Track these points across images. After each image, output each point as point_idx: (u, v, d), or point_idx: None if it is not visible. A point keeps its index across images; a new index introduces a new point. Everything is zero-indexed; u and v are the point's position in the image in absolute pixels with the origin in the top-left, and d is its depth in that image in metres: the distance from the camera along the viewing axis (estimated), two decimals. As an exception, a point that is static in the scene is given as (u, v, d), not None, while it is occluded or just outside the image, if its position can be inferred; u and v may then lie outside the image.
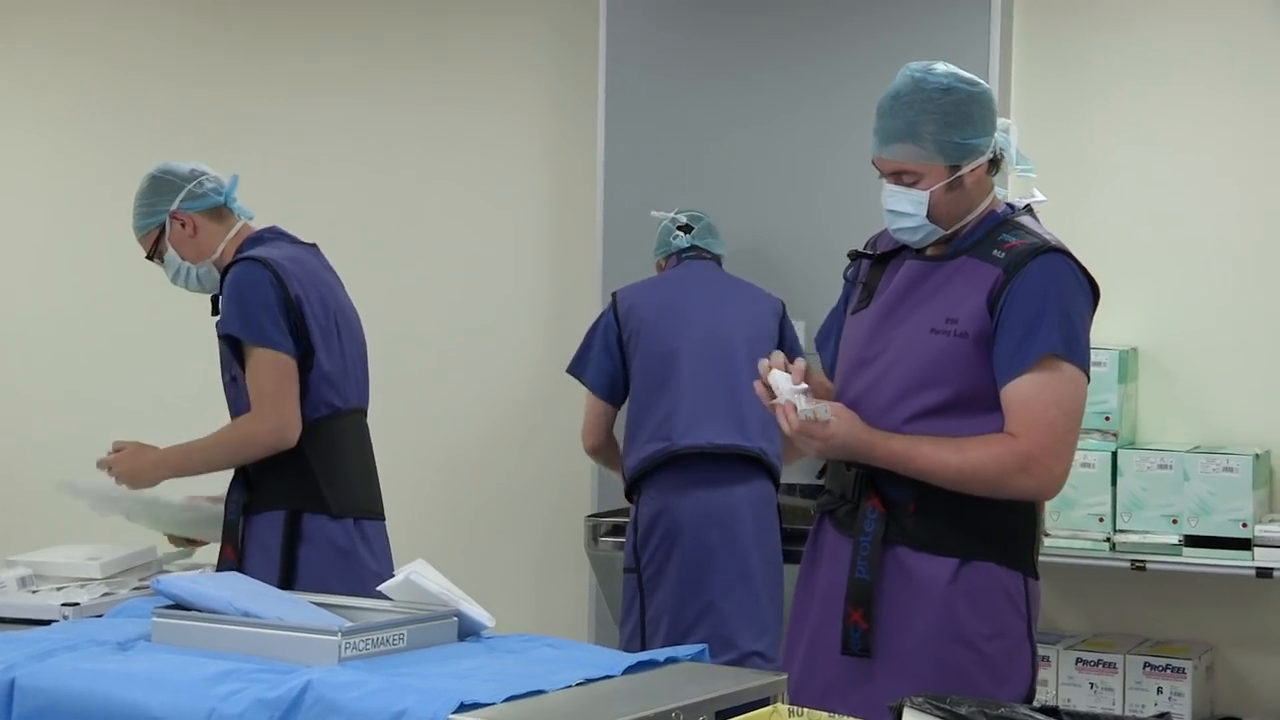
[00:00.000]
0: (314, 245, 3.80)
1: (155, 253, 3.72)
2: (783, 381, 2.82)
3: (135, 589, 3.46)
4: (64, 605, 3.32)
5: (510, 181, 5.41)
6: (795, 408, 2.79)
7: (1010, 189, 3.04)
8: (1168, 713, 2.31)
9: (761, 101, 4.91)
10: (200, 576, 3.15)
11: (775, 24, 4.91)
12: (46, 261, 6.05)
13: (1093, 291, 2.90)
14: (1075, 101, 4.67)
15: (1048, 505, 4.34)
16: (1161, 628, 4.51)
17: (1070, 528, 4.34)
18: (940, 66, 2.90)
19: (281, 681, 2.36)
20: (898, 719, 2.25)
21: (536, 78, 5.38)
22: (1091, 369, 4.38)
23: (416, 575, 2.79)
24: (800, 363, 2.87)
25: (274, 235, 3.75)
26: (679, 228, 4.64)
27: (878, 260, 3.01)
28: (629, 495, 4.49)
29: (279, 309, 3.57)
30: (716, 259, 4.66)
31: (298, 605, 2.80)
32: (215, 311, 3.71)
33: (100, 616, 3.12)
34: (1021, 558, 2.90)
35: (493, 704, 2.28)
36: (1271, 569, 4.15)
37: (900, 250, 2.98)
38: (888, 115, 2.88)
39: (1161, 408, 4.55)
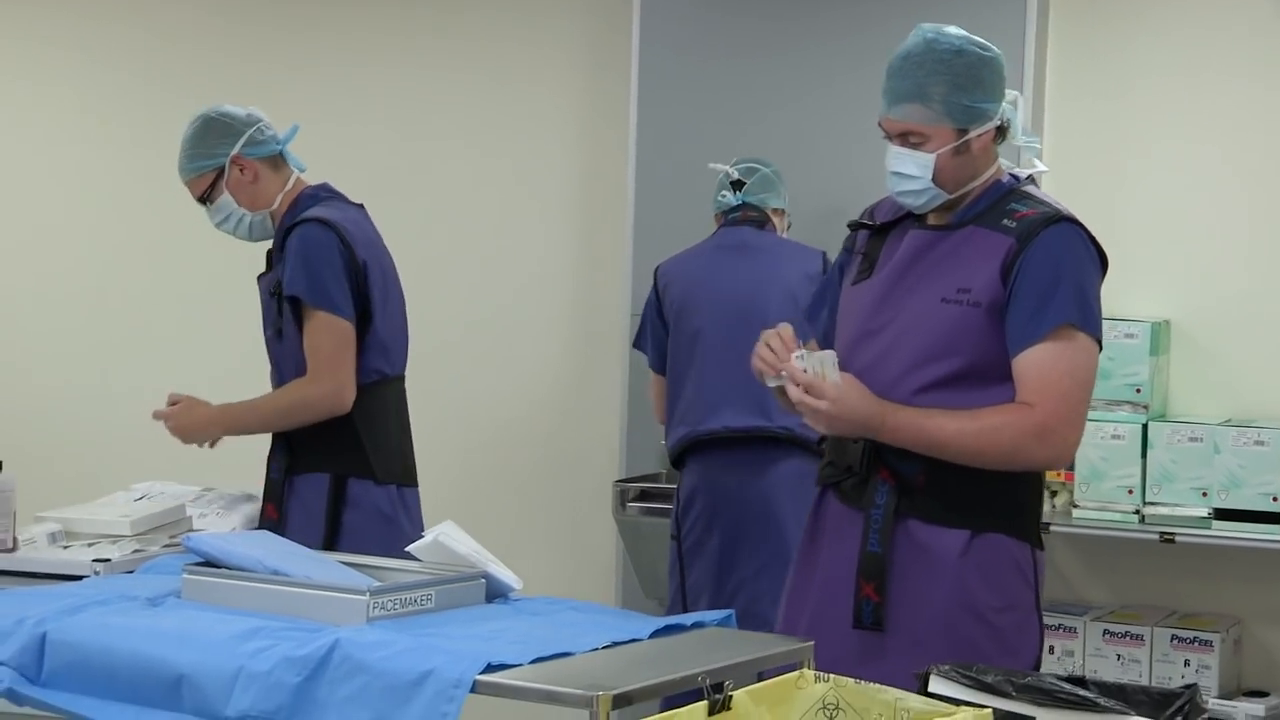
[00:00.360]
0: (362, 206, 3.80)
1: (208, 197, 3.68)
2: (794, 359, 2.79)
3: (166, 546, 3.48)
4: (95, 561, 3.34)
5: (541, 154, 5.40)
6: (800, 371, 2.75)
7: (1036, 165, 3.01)
8: (1195, 684, 2.30)
9: (796, 78, 4.88)
10: (231, 535, 3.18)
11: (805, 3, 4.88)
12: (75, 224, 6.07)
13: (1102, 262, 2.89)
14: (1111, 80, 4.63)
15: (1076, 477, 4.34)
16: (1189, 600, 4.50)
17: (1099, 500, 4.32)
18: (952, 29, 2.87)
19: (309, 640, 2.38)
20: (923, 687, 2.26)
21: (569, 51, 5.36)
22: (1123, 341, 4.42)
23: (445, 536, 2.81)
24: (786, 328, 2.83)
25: (329, 194, 3.73)
26: (731, 183, 4.50)
27: (877, 231, 2.96)
28: (675, 464, 4.47)
29: (344, 273, 3.57)
30: (771, 215, 4.54)
31: (326, 565, 2.81)
32: (269, 264, 3.71)
33: (131, 573, 3.14)
34: (1029, 529, 2.88)
35: (519, 665, 2.29)
36: (1301, 543, 4.14)
37: (900, 221, 2.94)
38: (897, 75, 2.85)
39: (1193, 381, 4.52)
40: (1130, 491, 4.30)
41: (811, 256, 4.42)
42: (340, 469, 3.62)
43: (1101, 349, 2.85)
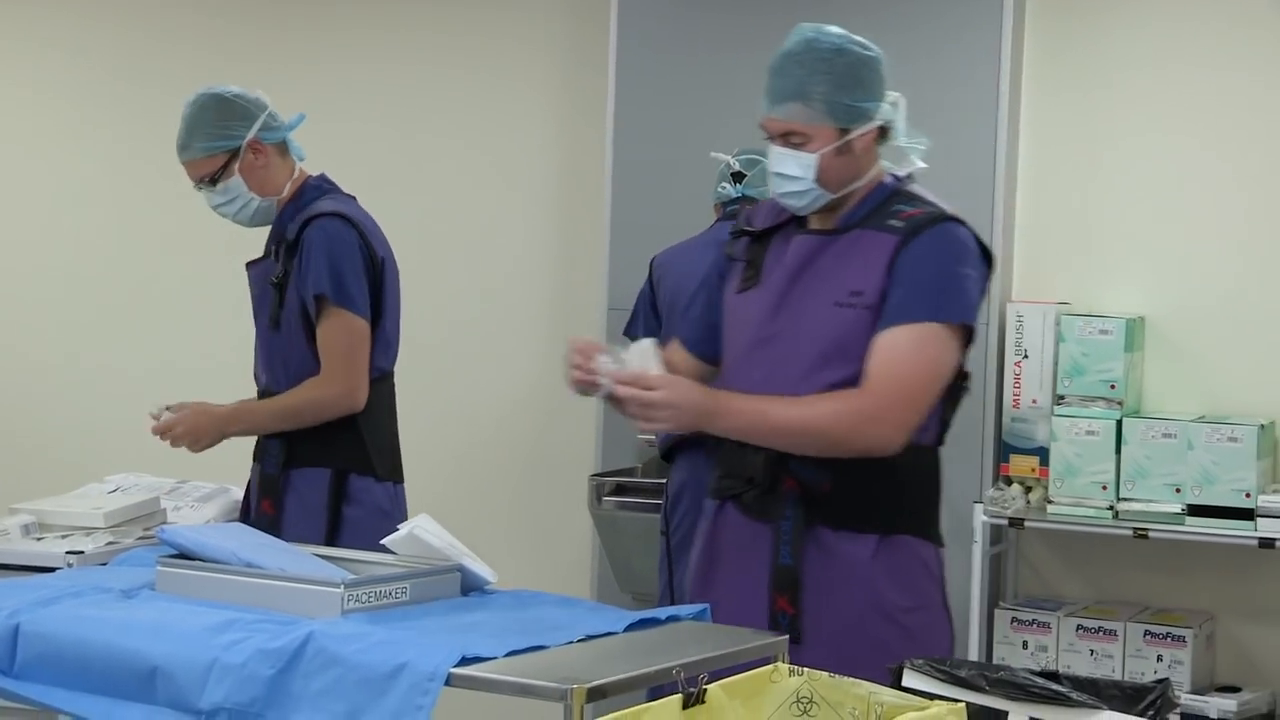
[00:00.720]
0: (354, 199, 3.76)
1: (216, 178, 3.58)
2: (603, 362, 2.73)
3: (140, 538, 3.47)
4: (68, 553, 3.33)
5: (519, 151, 5.39)
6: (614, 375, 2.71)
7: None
8: (1167, 679, 2.31)
9: (764, 73, 4.87)
10: (205, 527, 3.17)
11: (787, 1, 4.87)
12: (50, 219, 6.04)
13: (988, 260, 2.87)
14: (1087, 75, 4.64)
15: (1051, 473, 4.36)
16: (1163, 596, 4.51)
17: (1073, 495, 4.34)
18: (833, 28, 2.86)
19: (284, 632, 2.37)
20: (897, 681, 2.27)
21: (547, 48, 5.35)
22: (1098, 337, 4.44)
23: (420, 530, 2.80)
24: (581, 337, 2.86)
25: (330, 186, 3.70)
26: (731, 174, 4.43)
27: (758, 237, 2.93)
28: (665, 459, 4.46)
29: (364, 271, 3.55)
30: None
31: (301, 557, 2.81)
32: (267, 252, 3.64)
33: (105, 565, 3.13)
34: (933, 528, 2.89)
35: (494, 658, 2.29)
36: (1274, 539, 4.15)
37: (783, 226, 2.91)
38: (778, 74, 2.83)
39: (1167, 377, 4.54)
40: (1104, 487, 4.32)
41: None
42: (341, 464, 3.59)
43: (972, 342, 2.84)
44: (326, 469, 3.59)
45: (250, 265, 3.71)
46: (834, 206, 2.86)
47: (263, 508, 3.58)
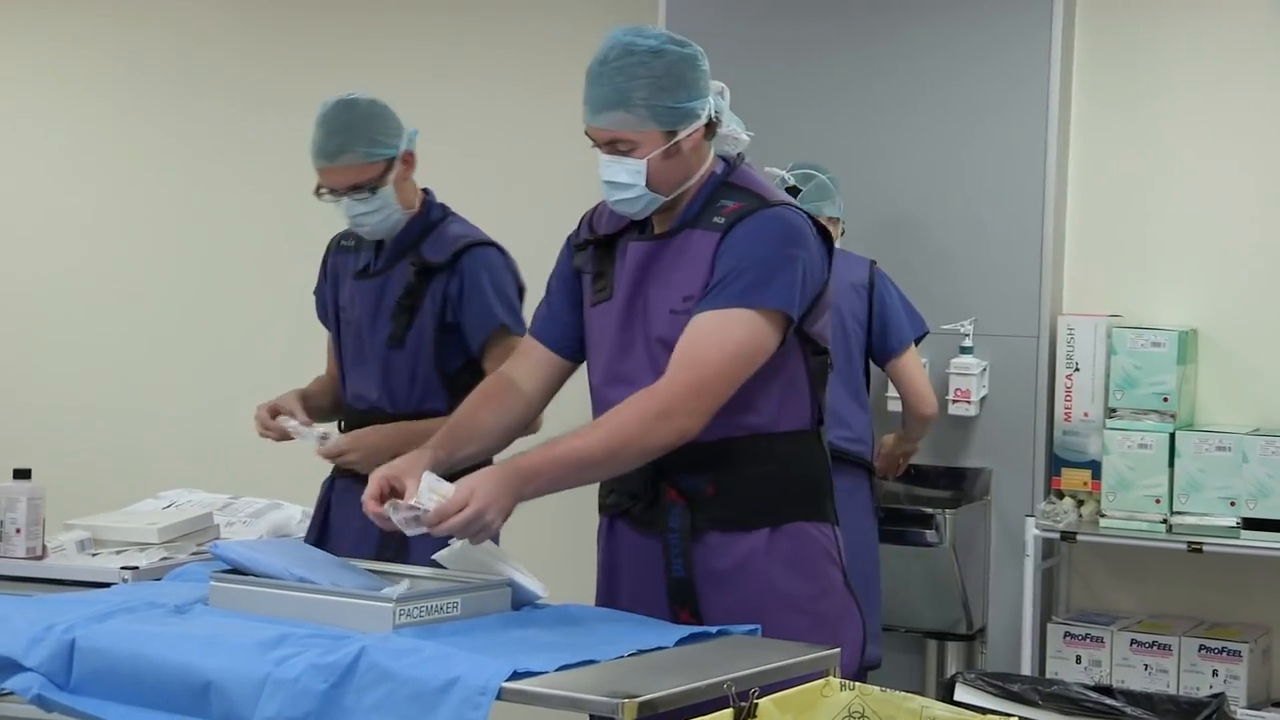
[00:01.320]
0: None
1: (373, 186, 3.47)
2: (422, 487, 2.64)
3: (193, 554, 3.50)
4: (123, 568, 3.36)
5: (555, 159, 5.40)
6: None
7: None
8: (1222, 693, 2.29)
9: (818, 84, 4.88)
10: (258, 542, 3.18)
11: (833, 9, 4.87)
12: (106, 234, 6.10)
13: (819, 238, 2.80)
14: (1138, 89, 4.62)
15: (1103, 486, 4.33)
16: (1218, 610, 4.48)
17: (1127, 509, 4.31)
18: (649, 29, 2.80)
19: (336, 647, 2.38)
20: (949, 694, 2.26)
21: (590, 56, 5.37)
22: (1150, 350, 4.41)
23: (471, 544, 2.81)
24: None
25: (443, 204, 3.67)
26: (786, 189, 4.39)
27: (603, 244, 2.87)
28: None
29: (519, 299, 3.59)
30: (825, 223, 4.46)
31: (353, 572, 2.82)
32: (401, 270, 3.53)
33: (158, 580, 3.15)
34: (825, 508, 2.82)
35: (545, 673, 2.29)
36: (1330, 553, 4.12)
37: (625, 230, 2.85)
38: (597, 83, 2.76)
39: (1220, 390, 4.51)
40: (1158, 501, 4.29)
41: (859, 265, 4.39)
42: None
43: (792, 324, 2.74)
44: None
45: (358, 275, 3.59)
46: (670, 206, 2.81)
47: None
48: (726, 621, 2.70)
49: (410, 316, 3.51)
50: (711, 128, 2.80)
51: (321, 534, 3.55)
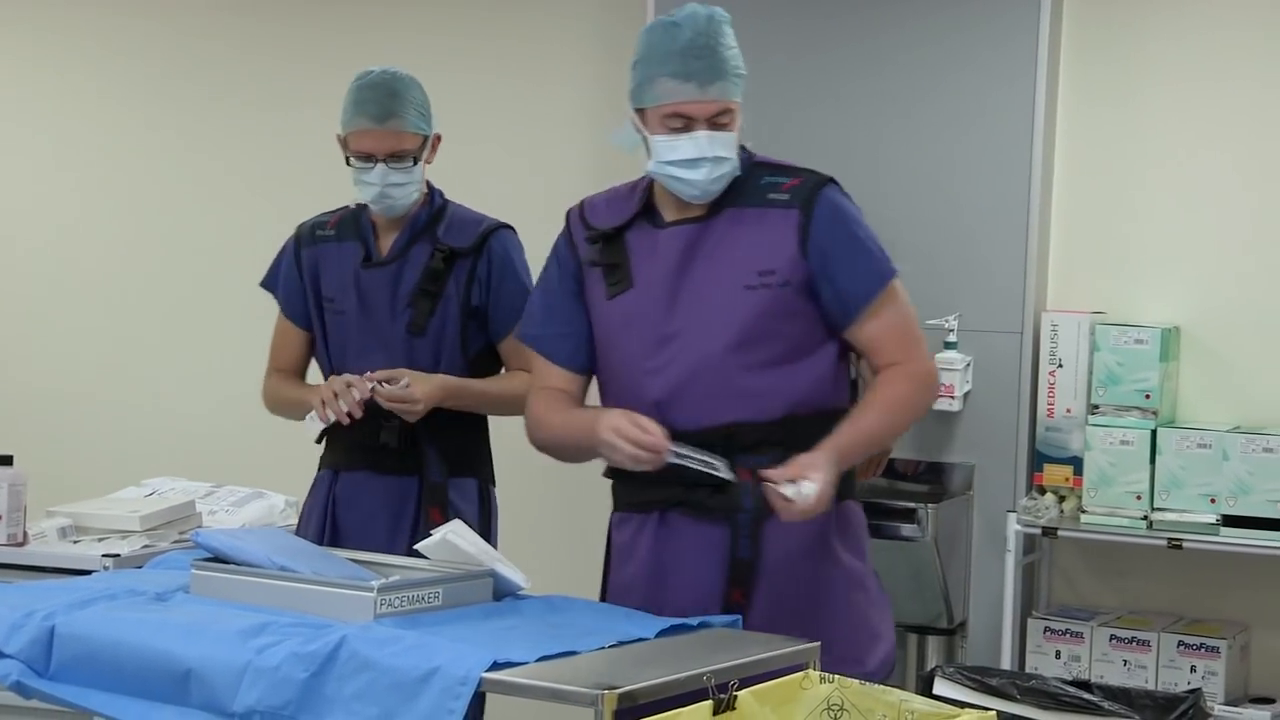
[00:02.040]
0: None
1: (415, 158, 3.48)
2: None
3: (175, 542, 3.50)
4: (104, 556, 3.36)
5: (553, 151, 5.40)
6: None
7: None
8: (1199, 689, 2.30)
9: (810, 79, 4.87)
10: (240, 531, 3.19)
11: (822, 3, 4.87)
12: (90, 220, 6.08)
13: None
14: (1124, 84, 4.62)
15: (1085, 482, 4.34)
16: (1197, 607, 4.49)
17: (1108, 505, 4.32)
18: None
19: (317, 636, 2.39)
20: (928, 688, 2.27)
21: (583, 47, 5.37)
22: (1133, 346, 4.42)
23: (453, 535, 2.82)
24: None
25: (439, 189, 3.66)
26: None
27: (610, 238, 2.84)
28: None
29: None
30: None
31: (334, 562, 2.82)
32: (420, 256, 3.50)
33: (140, 568, 3.15)
34: (855, 486, 2.90)
35: (525, 663, 2.30)
36: (1309, 551, 4.13)
37: (628, 225, 2.84)
38: (699, 55, 2.73)
39: (1202, 387, 4.52)
40: (1138, 497, 4.30)
41: None
42: (484, 475, 3.59)
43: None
44: (474, 479, 3.56)
45: (369, 264, 3.54)
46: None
47: (432, 516, 3.45)
48: (789, 603, 2.75)
49: (433, 303, 3.48)
50: None
51: (333, 534, 3.49)
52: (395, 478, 3.47)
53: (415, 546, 2.88)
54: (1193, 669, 4.24)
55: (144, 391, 5.88)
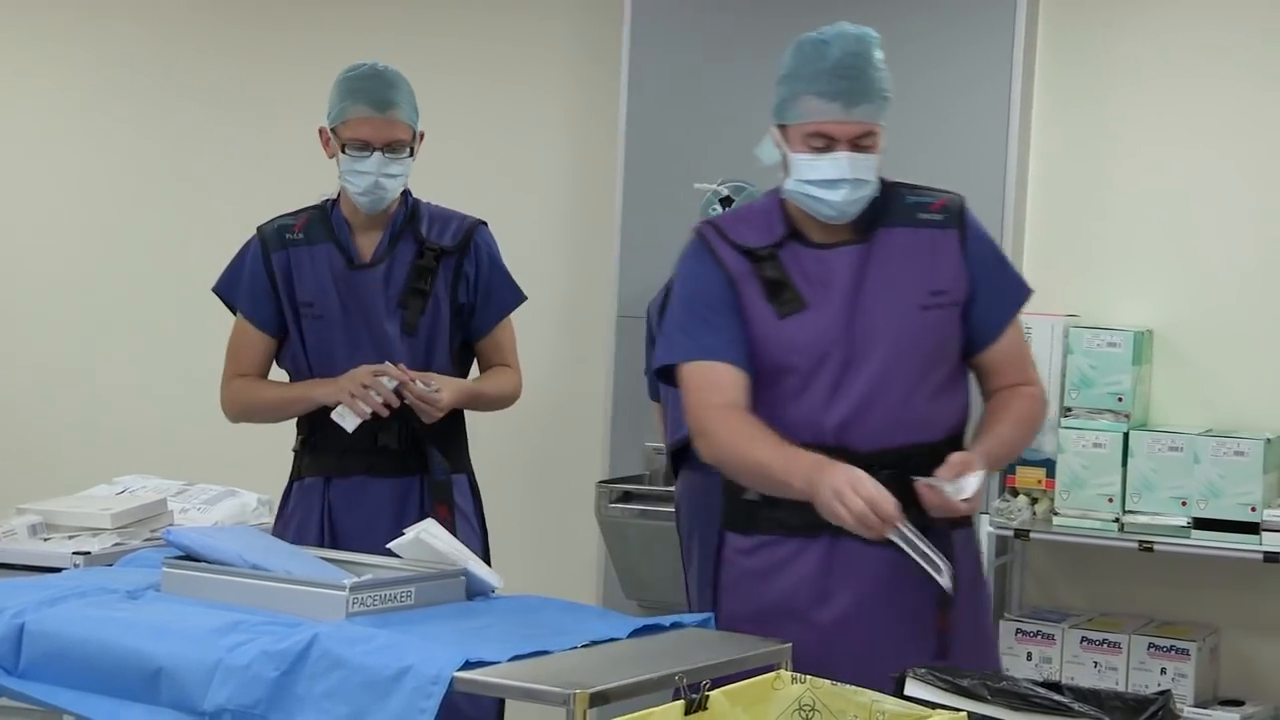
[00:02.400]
0: None
1: (410, 148, 3.47)
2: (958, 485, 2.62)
3: (146, 540, 3.48)
4: (75, 554, 3.34)
5: (530, 154, 5.40)
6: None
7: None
8: (1168, 690, 2.31)
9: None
10: (211, 529, 3.18)
11: (799, 3, 4.88)
12: (58, 216, 6.06)
13: None
14: (1099, 86, 4.64)
15: (1057, 484, 4.35)
16: (1167, 609, 4.51)
17: (1080, 507, 4.34)
18: (851, 25, 2.78)
19: (288, 634, 2.38)
20: (899, 689, 2.27)
21: (559, 47, 5.37)
22: (1106, 350, 4.44)
23: (426, 534, 2.81)
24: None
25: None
26: (720, 200, 4.50)
27: (769, 256, 2.76)
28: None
29: None
30: None
31: (306, 560, 2.82)
32: (405, 255, 3.47)
33: (111, 566, 3.14)
34: None
35: (498, 662, 2.30)
36: (1278, 553, 4.15)
37: (783, 241, 2.76)
38: (850, 76, 2.69)
39: (1174, 390, 4.54)
40: (1110, 500, 4.32)
41: None
42: (470, 471, 3.58)
43: None
44: (465, 475, 3.55)
45: (359, 268, 3.48)
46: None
47: (440, 514, 3.38)
48: (969, 615, 2.74)
49: (424, 301, 3.47)
50: None
51: (333, 542, 3.42)
52: (395, 479, 3.44)
53: (388, 545, 2.88)
54: (1163, 671, 4.26)
55: (115, 389, 5.86)
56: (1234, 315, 4.51)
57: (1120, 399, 4.37)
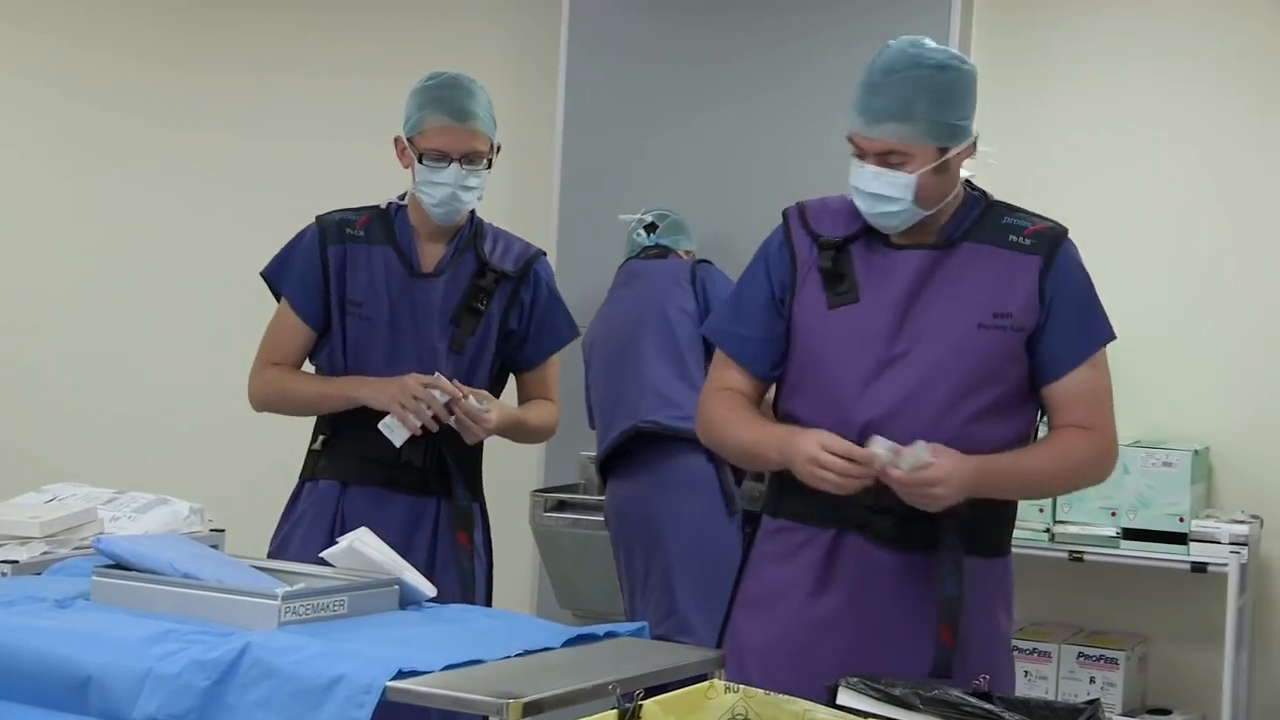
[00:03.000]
0: None
1: (488, 160, 3.39)
2: (878, 446, 2.57)
3: (76, 548, 3.45)
4: (3, 562, 3.30)
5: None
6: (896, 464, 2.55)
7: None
8: (1097, 699, 2.33)
9: (721, 82, 4.92)
10: (142, 537, 3.15)
11: (737, 7, 4.91)
12: (47, 231, 6.00)
13: None
14: (1032, 92, 4.70)
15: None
16: (1097, 619, 4.55)
17: (1011, 517, 4.37)
18: (931, 42, 2.73)
19: (220, 643, 2.36)
20: (832, 699, 2.28)
21: (497, 50, 5.37)
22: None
23: (359, 543, 2.80)
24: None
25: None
26: (644, 226, 4.65)
27: (837, 247, 2.76)
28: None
29: None
30: (683, 255, 4.64)
31: (239, 569, 2.80)
32: (467, 271, 3.41)
33: (40, 574, 3.11)
34: (1008, 542, 2.83)
35: (431, 671, 2.29)
36: (1206, 563, 4.20)
37: (857, 235, 2.76)
38: (878, 92, 2.68)
39: (1105, 401, 4.58)
40: (1041, 510, 4.36)
41: (679, 266, 4.54)
42: (483, 499, 3.49)
43: None
44: (478, 503, 3.47)
45: (421, 277, 3.40)
46: (933, 220, 2.74)
47: (460, 540, 3.36)
48: (971, 648, 2.66)
49: (476, 321, 3.39)
50: (973, 147, 2.74)
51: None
52: (413, 497, 3.36)
53: (321, 555, 2.86)
54: (1092, 680, 4.30)
55: (45, 397, 5.80)
56: (1163, 329, 4.56)
57: (1051, 410, 4.41)
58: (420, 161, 3.35)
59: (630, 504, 4.37)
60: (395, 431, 3.24)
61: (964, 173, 2.82)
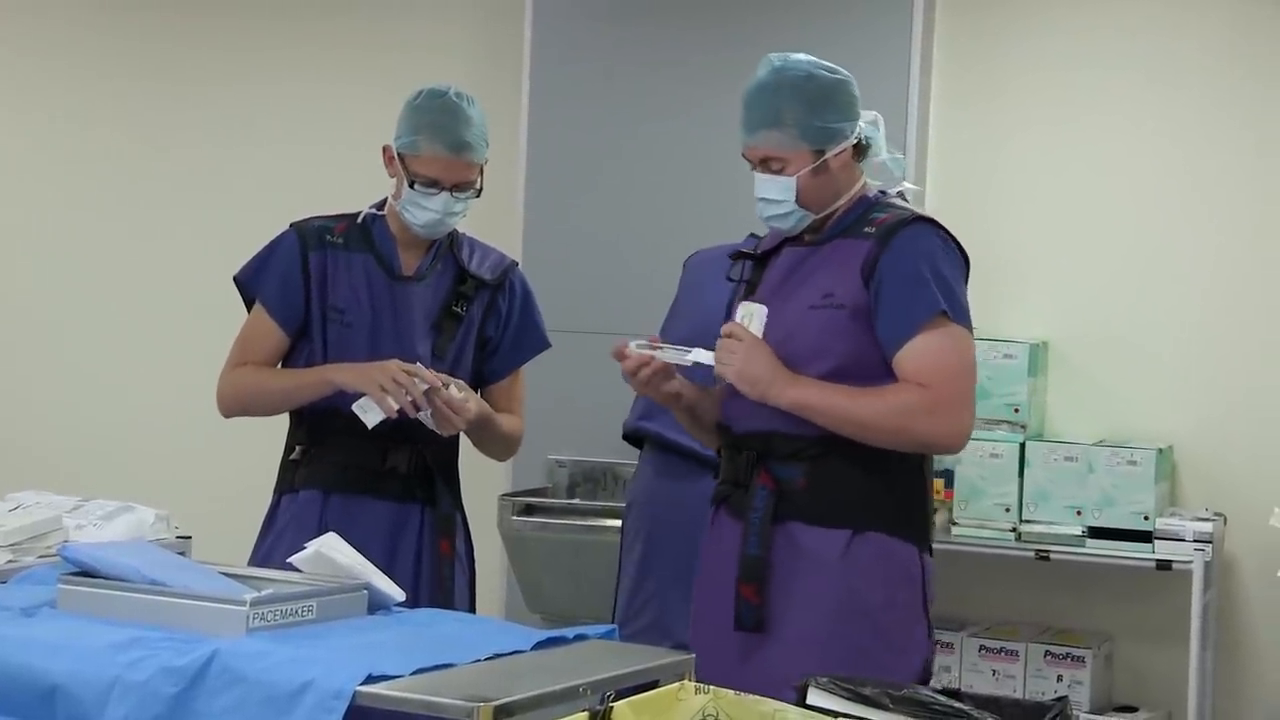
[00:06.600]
0: None
1: (477, 187, 3.39)
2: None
3: (41, 556, 3.43)
4: (-34, 571, 3.28)
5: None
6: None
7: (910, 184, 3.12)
8: (1065, 697, 2.35)
9: (686, 86, 4.92)
10: (108, 544, 3.13)
11: (701, 12, 4.92)
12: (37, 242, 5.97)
13: (963, 260, 3.00)
14: (994, 93, 4.72)
15: (955, 495, 4.40)
16: (1063, 617, 4.57)
17: (977, 517, 4.39)
18: (800, 56, 2.99)
19: (187, 650, 2.35)
20: (802, 699, 2.28)
21: (460, 56, 5.36)
22: (1002, 361, 4.50)
23: (327, 548, 2.79)
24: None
25: None
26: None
27: (759, 259, 3.10)
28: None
29: None
30: None
31: (206, 575, 2.78)
32: (451, 279, 3.43)
33: (4, 583, 3.09)
34: (914, 530, 2.95)
35: (400, 676, 2.28)
36: (1171, 561, 4.23)
37: (780, 247, 3.07)
38: (753, 105, 2.96)
39: (1069, 401, 4.61)
40: (1007, 509, 4.38)
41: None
42: (463, 508, 3.49)
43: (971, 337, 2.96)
44: (460, 512, 3.48)
45: (402, 281, 3.42)
46: (822, 221, 2.99)
47: (442, 549, 3.37)
48: (792, 609, 2.87)
49: (457, 327, 3.41)
50: (860, 150, 2.98)
51: None
52: (396, 504, 3.35)
53: (289, 560, 2.85)
54: (1059, 678, 4.33)
55: (8, 405, 5.76)
56: (1127, 327, 4.59)
57: (1016, 410, 4.44)
58: (411, 186, 3.35)
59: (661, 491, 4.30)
60: (370, 413, 3.22)
61: (909, 186, 3.07)
